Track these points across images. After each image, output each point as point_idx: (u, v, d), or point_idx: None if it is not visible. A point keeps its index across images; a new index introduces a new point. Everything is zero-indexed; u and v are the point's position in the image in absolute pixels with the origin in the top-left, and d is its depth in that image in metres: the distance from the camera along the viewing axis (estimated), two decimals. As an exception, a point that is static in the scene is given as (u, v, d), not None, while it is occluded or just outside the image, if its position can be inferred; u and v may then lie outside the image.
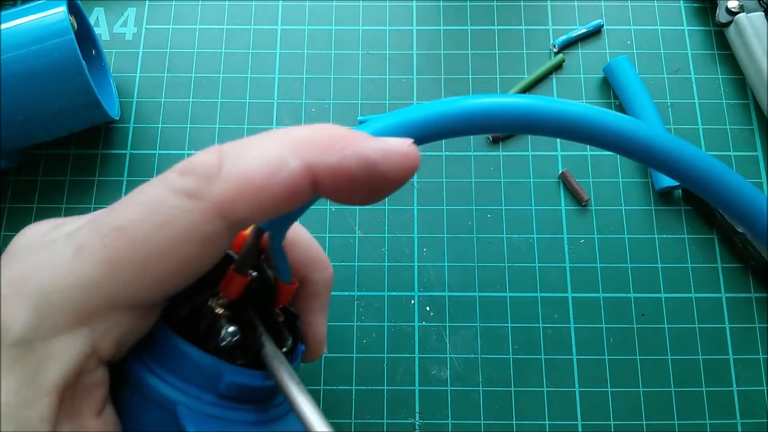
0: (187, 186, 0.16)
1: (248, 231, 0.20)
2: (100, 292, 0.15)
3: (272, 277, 0.21)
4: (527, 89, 0.36)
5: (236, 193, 0.15)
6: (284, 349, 0.21)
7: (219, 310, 0.19)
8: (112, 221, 0.16)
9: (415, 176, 0.35)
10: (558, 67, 0.37)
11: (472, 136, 0.36)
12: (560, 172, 0.35)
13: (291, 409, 0.20)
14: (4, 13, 0.30)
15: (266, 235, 0.20)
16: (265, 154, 0.16)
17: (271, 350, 0.19)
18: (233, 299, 0.19)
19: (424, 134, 0.19)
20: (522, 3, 0.39)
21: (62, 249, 0.16)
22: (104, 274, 0.15)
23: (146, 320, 0.17)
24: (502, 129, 0.18)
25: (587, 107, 0.18)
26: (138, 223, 0.15)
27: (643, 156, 0.18)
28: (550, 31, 0.38)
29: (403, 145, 0.17)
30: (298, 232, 0.23)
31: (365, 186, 0.16)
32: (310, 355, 0.25)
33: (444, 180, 0.35)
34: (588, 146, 0.35)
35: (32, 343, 0.15)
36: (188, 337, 0.18)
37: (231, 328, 0.19)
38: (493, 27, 0.38)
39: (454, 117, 0.18)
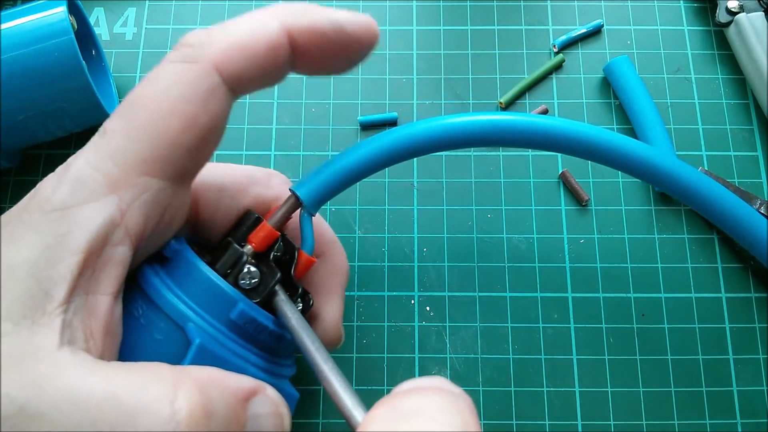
0: (183, 54, 0.18)
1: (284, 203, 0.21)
2: (125, 157, 0.17)
3: (295, 246, 0.22)
4: (527, 89, 0.36)
5: (227, 51, 0.18)
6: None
7: (245, 250, 0.20)
8: (126, 100, 0.18)
9: (415, 176, 0.35)
10: (558, 67, 0.37)
11: (472, 136, 0.36)
12: (560, 172, 0.35)
13: (297, 359, 0.21)
14: (4, 13, 0.30)
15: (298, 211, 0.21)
16: (248, 20, 0.18)
17: (284, 297, 0.20)
18: (259, 251, 0.20)
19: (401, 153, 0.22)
20: (522, 3, 0.39)
21: (93, 138, 0.18)
22: (125, 140, 0.17)
23: (172, 197, 0.19)
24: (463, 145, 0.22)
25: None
26: (146, 93, 0.18)
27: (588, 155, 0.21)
28: (550, 31, 0.38)
29: (364, 15, 0.20)
30: (320, 218, 0.26)
31: (336, 46, 0.19)
32: (328, 344, 0.25)
33: (444, 180, 0.35)
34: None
35: (67, 210, 0.17)
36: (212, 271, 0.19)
37: (252, 269, 0.20)
38: (493, 27, 0.38)
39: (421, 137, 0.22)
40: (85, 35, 0.35)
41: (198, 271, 0.19)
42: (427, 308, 0.33)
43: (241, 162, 0.35)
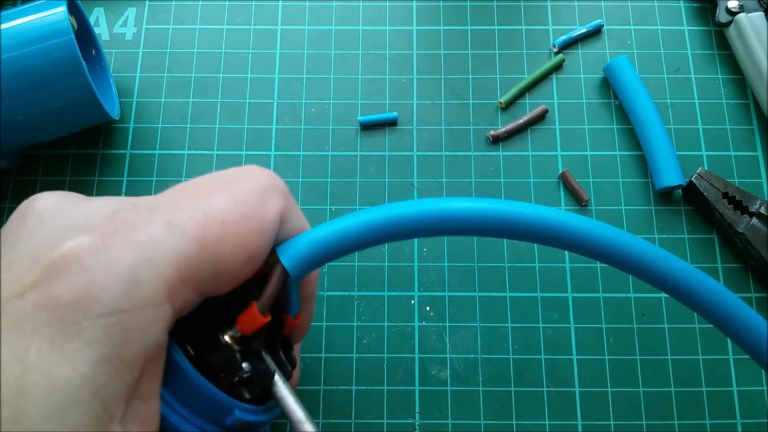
0: (263, 185, 0.18)
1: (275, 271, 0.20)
2: (190, 270, 0.16)
3: (281, 314, 0.21)
4: (527, 89, 0.36)
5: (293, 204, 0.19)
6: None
7: (235, 346, 0.19)
8: (202, 204, 0.17)
9: (415, 176, 0.35)
10: (558, 67, 0.37)
11: (472, 137, 0.36)
12: (560, 172, 0.35)
13: None
14: (4, 13, 0.30)
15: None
16: None
17: (282, 388, 0.20)
18: (248, 335, 0.19)
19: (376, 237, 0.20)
20: (522, 3, 0.39)
21: (145, 223, 0.16)
22: (195, 253, 0.16)
23: (191, 309, 0.18)
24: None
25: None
26: (227, 210, 0.17)
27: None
28: (550, 31, 0.38)
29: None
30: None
31: None
32: (300, 336, 0.25)
33: (444, 180, 0.35)
34: (588, 146, 0.35)
35: (121, 315, 0.15)
36: (200, 367, 0.18)
37: (245, 365, 0.19)
38: (493, 27, 0.38)
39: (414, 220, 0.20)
40: (85, 35, 0.35)
41: (194, 386, 0.18)
42: (427, 308, 0.33)
43: (240, 162, 0.35)
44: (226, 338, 0.19)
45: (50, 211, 0.16)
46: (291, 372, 0.22)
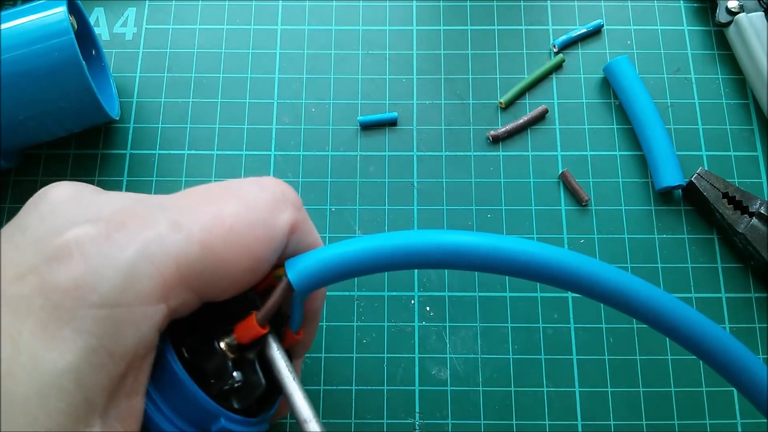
0: (276, 197, 0.18)
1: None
2: (190, 271, 0.16)
3: (281, 326, 0.21)
4: (527, 89, 0.36)
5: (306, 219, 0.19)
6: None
7: (229, 354, 0.19)
8: (211, 208, 0.17)
9: (415, 176, 0.35)
10: (558, 67, 0.37)
11: (472, 137, 0.36)
12: (560, 172, 0.35)
13: None
14: (4, 13, 0.30)
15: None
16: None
17: (289, 381, 0.19)
18: (244, 344, 0.19)
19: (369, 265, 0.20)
20: (522, 3, 0.39)
21: (153, 221, 0.16)
22: (198, 255, 0.16)
23: (189, 311, 0.17)
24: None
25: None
26: (236, 216, 0.17)
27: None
28: (550, 31, 0.38)
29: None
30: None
31: None
32: (302, 351, 0.25)
33: (444, 180, 0.35)
34: (588, 146, 0.35)
35: (115, 307, 0.15)
36: (192, 372, 0.18)
37: (236, 374, 0.19)
38: (493, 27, 0.38)
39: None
40: (85, 35, 0.35)
41: (184, 390, 0.18)
42: (427, 308, 0.33)
43: (240, 162, 0.35)
44: (222, 345, 0.19)
45: (64, 200, 0.17)
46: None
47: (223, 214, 0.17)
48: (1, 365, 0.14)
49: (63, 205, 0.16)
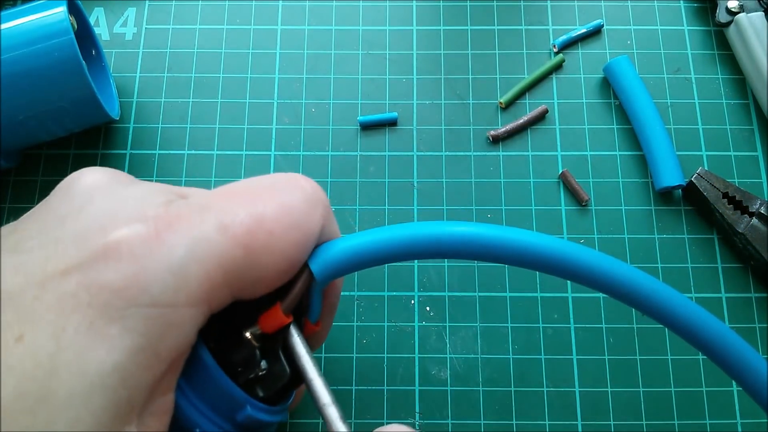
0: (308, 197, 0.18)
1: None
2: (234, 274, 0.16)
3: (302, 319, 0.22)
4: (527, 89, 0.36)
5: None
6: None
7: (255, 343, 0.20)
8: (253, 210, 0.17)
9: (415, 176, 0.35)
10: (558, 67, 0.37)
11: (472, 137, 0.36)
12: (560, 172, 0.35)
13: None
14: (4, 13, 0.30)
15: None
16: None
17: (310, 368, 0.20)
18: (268, 334, 0.20)
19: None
20: (522, 3, 0.39)
21: (199, 221, 0.16)
22: (241, 258, 0.16)
23: (221, 309, 0.18)
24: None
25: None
26: (275, 220, 0.17)
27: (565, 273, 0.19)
28: (550, 31, 0.38)
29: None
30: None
31: None
32: (317, 344, 0.26)
33: (444, 180, 0.35)
34: (588, 146, 0.35)
35: (165, 308, 0.15)
36: (219, 361, 0.19)
37: (263, 363, 0.20)
38: (493, 27, 0.38)
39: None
40: (85, 35, 0.35)
41: (213, 378, 0.18)
42: (427, 308, 0.33)
43: (240, 162, 0.35)
44: (248, 335, 0.19)
45: (100, 190, 0.17)
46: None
47: (264, 218, 0.17)
48: (45, 364, 0.13)
49: (101, 195, 0.17)
